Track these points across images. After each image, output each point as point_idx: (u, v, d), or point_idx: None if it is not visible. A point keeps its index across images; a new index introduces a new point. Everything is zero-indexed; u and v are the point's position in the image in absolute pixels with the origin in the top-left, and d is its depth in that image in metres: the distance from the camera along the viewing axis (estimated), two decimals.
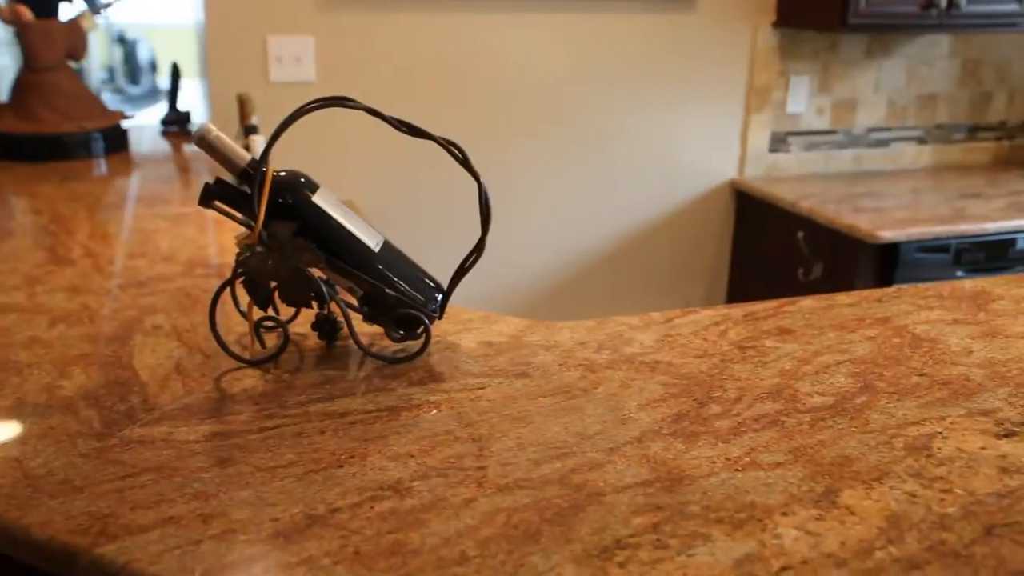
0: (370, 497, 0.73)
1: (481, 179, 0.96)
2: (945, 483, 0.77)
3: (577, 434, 0.84)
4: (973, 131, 3.09)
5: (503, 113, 2.54)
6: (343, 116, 2.41)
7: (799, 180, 2.84)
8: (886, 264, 2.36)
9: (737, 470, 0.78)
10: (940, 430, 0.87)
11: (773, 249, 2.72)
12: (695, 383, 0.96)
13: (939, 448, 0.83)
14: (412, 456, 0.80)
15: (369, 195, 2.49)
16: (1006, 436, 0.86)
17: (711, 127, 2.78)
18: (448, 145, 0.96)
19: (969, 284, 1.31)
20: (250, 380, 0.94)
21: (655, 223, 2.81)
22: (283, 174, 0.96)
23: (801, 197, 2.60)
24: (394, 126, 0.95)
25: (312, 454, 0.79)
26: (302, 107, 0.91)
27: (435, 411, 0.88)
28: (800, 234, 2.57)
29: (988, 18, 2.57)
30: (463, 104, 2.50)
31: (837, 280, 2.44)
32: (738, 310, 1.19)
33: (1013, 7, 2.58)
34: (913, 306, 1.21)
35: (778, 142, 2.86)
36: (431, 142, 0.95)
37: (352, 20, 2.33)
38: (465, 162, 0.96)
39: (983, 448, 0.83)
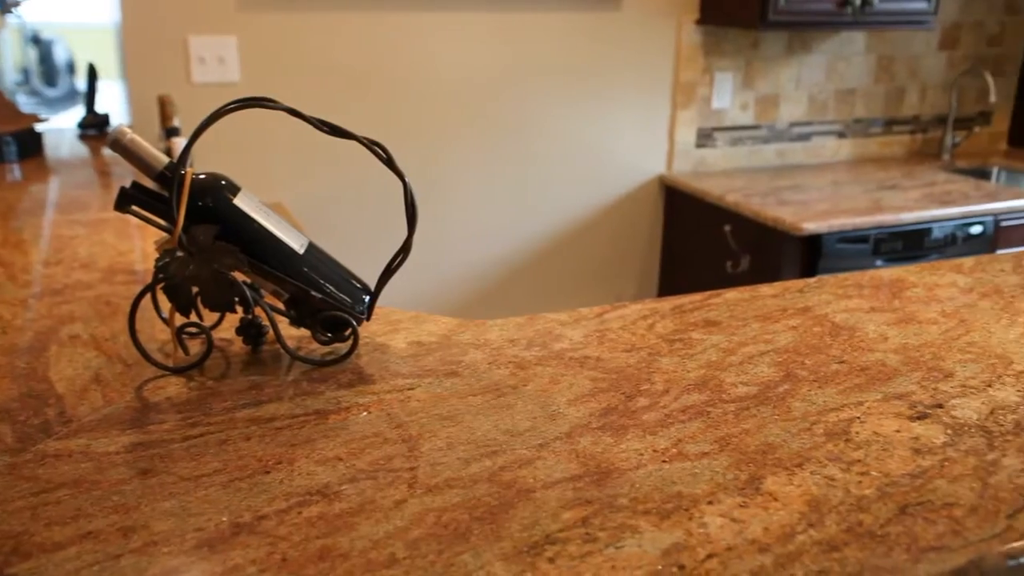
0: (298, 503, 0.72)
1: (406, 179, 0.96)
2: (862, 466, 0.80)
3: (507, 431, 0.84)
4: (889, 125, 3.19)
5: (431, 112, 2.54)
6: (270, 117, 2.37)
7: (725, 174, 2.90)
8: (810, 255, 2.42)
9: (664, 461, 0.80)
10: (858, 415, 0.89)
11: (702, 242, 2.77)
12: (623, 377, 0.97)
13: (857, 432, 0.86)
14: (341, 459, 0.79)
15: (298, 197, 2.46)
16: (919, 418, 0.89)
17: (639, 123, 2.82)
18: (372, 145, 0.95)
19: (885, 273, 1.35)
20: (174, 388, 0.92)
21: (586, 219, 2.84)
22: (203, 177, 0.94)
23: (727, 191, 2.65)
24: (315, 126, 0.94)
25: (238, 461, 0.78)
26: (220, 109, 0.90)
27: (364, 413, 0.88)
28: (727, 227, 2.62)
29: (899, 16, 2.66)
30: (391, 104, 2.48)
31: (764, 271, 2.50)
32: (665, 304, 1.20)
33: (922, 5, 2.67)
34: (833, 296, 1.25)
35: (704, 137, 2.92)
36: (359, 143, 0.94)
37: (276, 19, 2.29)
38: (389, 162, 0.95)
39: (898, 431, 0.86)
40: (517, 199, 2.73)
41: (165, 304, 1.03)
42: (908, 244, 2.50)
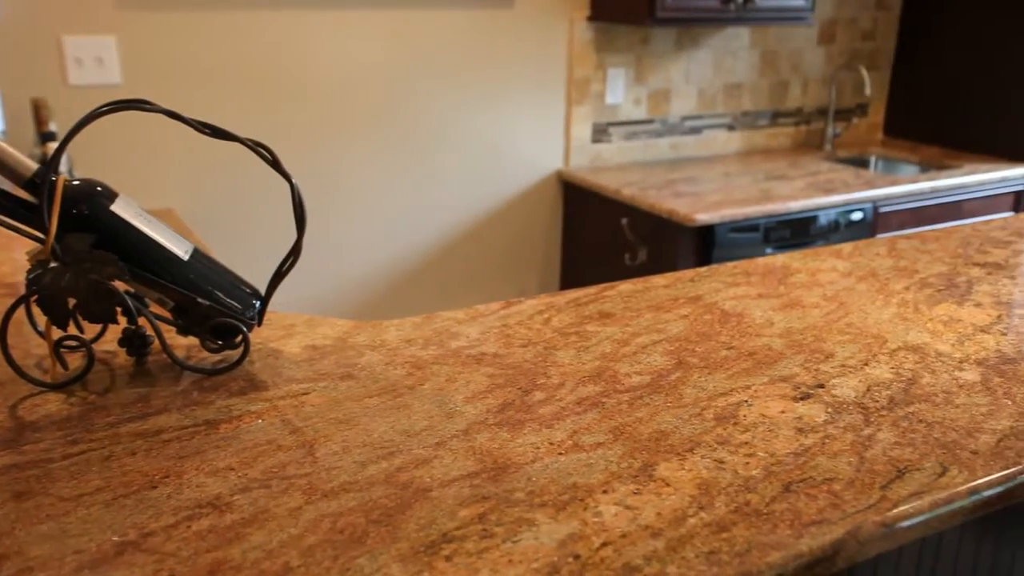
0: (187, 516, 0.70)
1: (293, 180, 0.94)
2: (749, 448, 0.82)
3: (403, 432, 0.84)
4: (775, 117, 3.31)
5: (325, 112, 2.50)
6: (157, 121, 2.29)
7: (621, 169, 2.95)
8: (704, 245, 2.49)
9: (560, 454, 0.81)
10: (746, 398, 0.93)
11: (601, 236, 2.81)
12: (520, 372, 0.98)
13: (744, 415, 0.89)
14: (232, 470, 0.77)
15: (189, 202, 2.38)
16: (802, 399, 0.93)
17: (535, 120, 2.84)
18: (256, 147, 0.93)
19: (771, 260, 1.40)
20: (52, 405, 0.88)
21: (485, 216, 2.84)
22: (76, 183, 0.90)
23: (624, 185, 2.70)
24: (196, 128, 0.91)
25: (122, 477, 0.75)
26: (92, 112, 0.86)
27: (257, 421, 0.86)
28: (625, 220, 2.67)
29: (779, 12, 2.76)
30: (284, 104, 2.43)
31: (661, 262, 2.55)
32: (560, 298, 1.22)
33: (801, 2, 2.78)
34: (722, 284, 1.28)
35: (600, 132, 2.96)
36: (244, 145, 0.92)
37: (159, 18, 2.21)
38: (275, 163, 0.93)
39: (783, 412, 0.90)
40: (415, 198, 2.71)
41: (42, 317, 0.99)
42: (795, 231, 2.60)
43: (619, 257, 2.73)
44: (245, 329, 0.96)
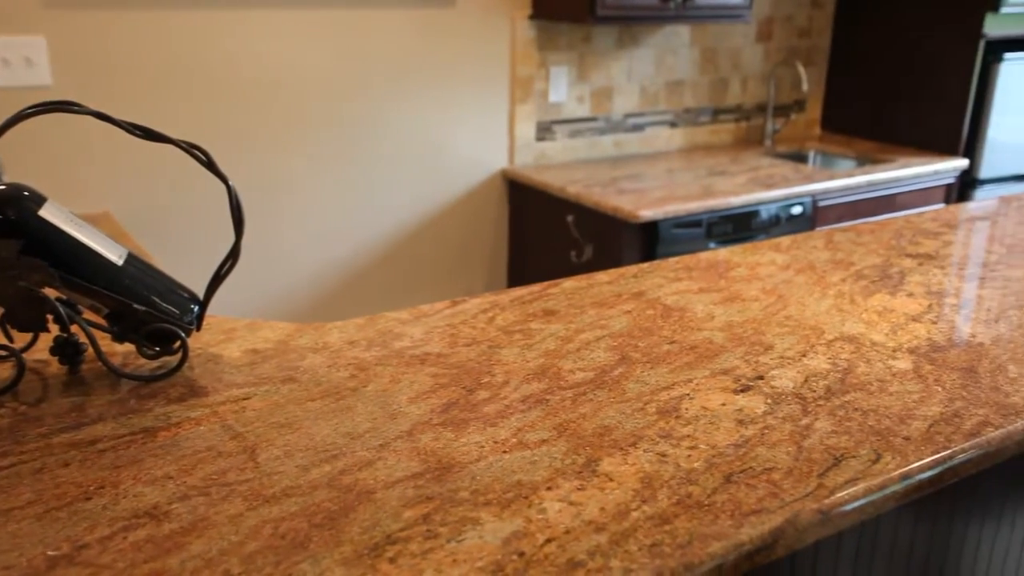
0: (123, 527, 0.68)
1: (230, 182, 0.93)
2: (691, 440, 0.84)
3: (347, 434, 0.83)
4: (716, 114, 3.36)
5: (264, 113, 2.46)
6: (90, 122, 2.23)
7: (566, 166, 2.97)
8: (648, 241, 2.52)
9: (505, 452, 0.81)
10: (688, 392, 0.94)
11: (547, 234, 2.82)
12: (464, 371, 0.98)
13: (686, 409, 0.90)
14: (171, 478, 0.75)
15: (126, 206, 2.33)
16: (742, 391, 0.94)
17: (479, 119, 2.84)
18: (191, 148, 0.91)
19: (712, 255, 1.42)
20: None
21: (431, 216, 2.83)
22: (2, 187, 0.87)
23: (568, 183, 2.72)
24: (127, 130, 0.89)
25: (54, 490, 0.73)
26: (17, 115, 0.83)
27: (197, 427, 0.84)
28: (570, 218, 2.69)
29: (717, 10, 2.80)
30: (221, 105, 2.39)
31: (607, 259, 2.57)
32: (505, 296, 1.22)
33: (739, 0, 2.83)
34: (664, 279, 1.30)
35: (544, 131, 2.97)
36: (177, 146, 0.90)
37: (89, 17, 2.16)
38: (210, 165, 0.92)
39: (723, 404, 0.91)
40: (360, 198, 2.69)
41: None
42: (737, 226, 2.64)
43: (565, 255, 2.75)
44: (183, 334, 0.94)
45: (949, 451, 0.83)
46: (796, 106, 3.56)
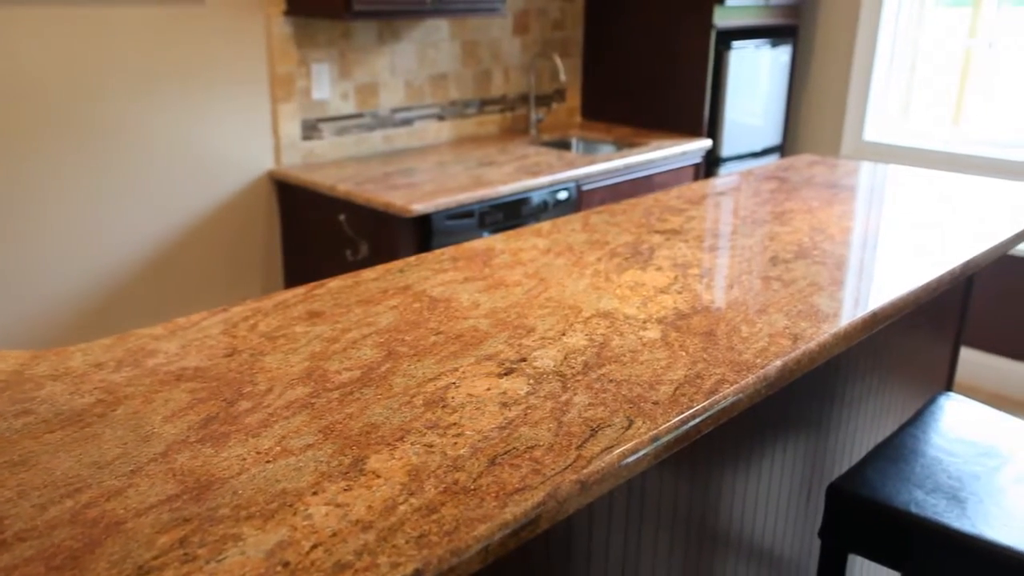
0: None
1: None
2: (458, 428, 0.85)
3: (92, 464, 0.77)
4: (481, 106, 3.43)
5: (2, 119, 2.23)
6: None
7: (336, 164, 2.92)
8: (423, 234, 2.53)
9: (268, 461, 0.78)
10: (454, 381, 0.95)
11: (320, 234, 2.77)
12: (224, 383, 0.94)
13: (453, 397, 0.91)
14: None
15: None
16: (506, 374, 0.97)
17: (240, 120, 2.72)
18: None
19: (477, 244, 1.45)
20: None
21: (197, 223, 2.69)
22: None
23: (339, 181, 2.67)
24: None
25: None
26: None
27: None
28: (342, 216, 2.65)
29: (473, 3, 2.86)
30: None
31: (383, 255, 2.56)
32: (268, 301, 1.18)
33: None
34: (431, 271, 1.31)
35: (310, 129, 2.90)
36: None
37: None
38: None
39: (488, 389, 0.93)
40: (114, 210, 2.50)
41: None
42: (508, 214, 2.72)
43: (341, 254, 2.71)
44: None
45: (693, 410, 0.90)
46: (557, 96, 3.71)
